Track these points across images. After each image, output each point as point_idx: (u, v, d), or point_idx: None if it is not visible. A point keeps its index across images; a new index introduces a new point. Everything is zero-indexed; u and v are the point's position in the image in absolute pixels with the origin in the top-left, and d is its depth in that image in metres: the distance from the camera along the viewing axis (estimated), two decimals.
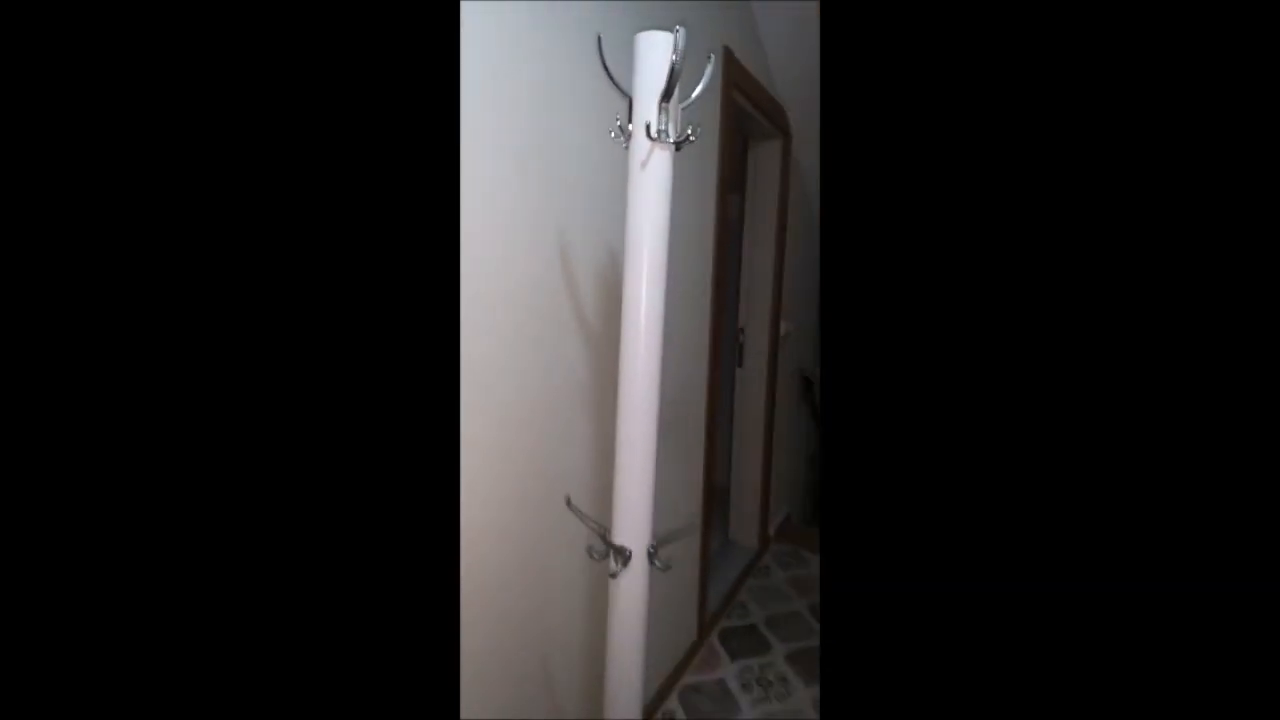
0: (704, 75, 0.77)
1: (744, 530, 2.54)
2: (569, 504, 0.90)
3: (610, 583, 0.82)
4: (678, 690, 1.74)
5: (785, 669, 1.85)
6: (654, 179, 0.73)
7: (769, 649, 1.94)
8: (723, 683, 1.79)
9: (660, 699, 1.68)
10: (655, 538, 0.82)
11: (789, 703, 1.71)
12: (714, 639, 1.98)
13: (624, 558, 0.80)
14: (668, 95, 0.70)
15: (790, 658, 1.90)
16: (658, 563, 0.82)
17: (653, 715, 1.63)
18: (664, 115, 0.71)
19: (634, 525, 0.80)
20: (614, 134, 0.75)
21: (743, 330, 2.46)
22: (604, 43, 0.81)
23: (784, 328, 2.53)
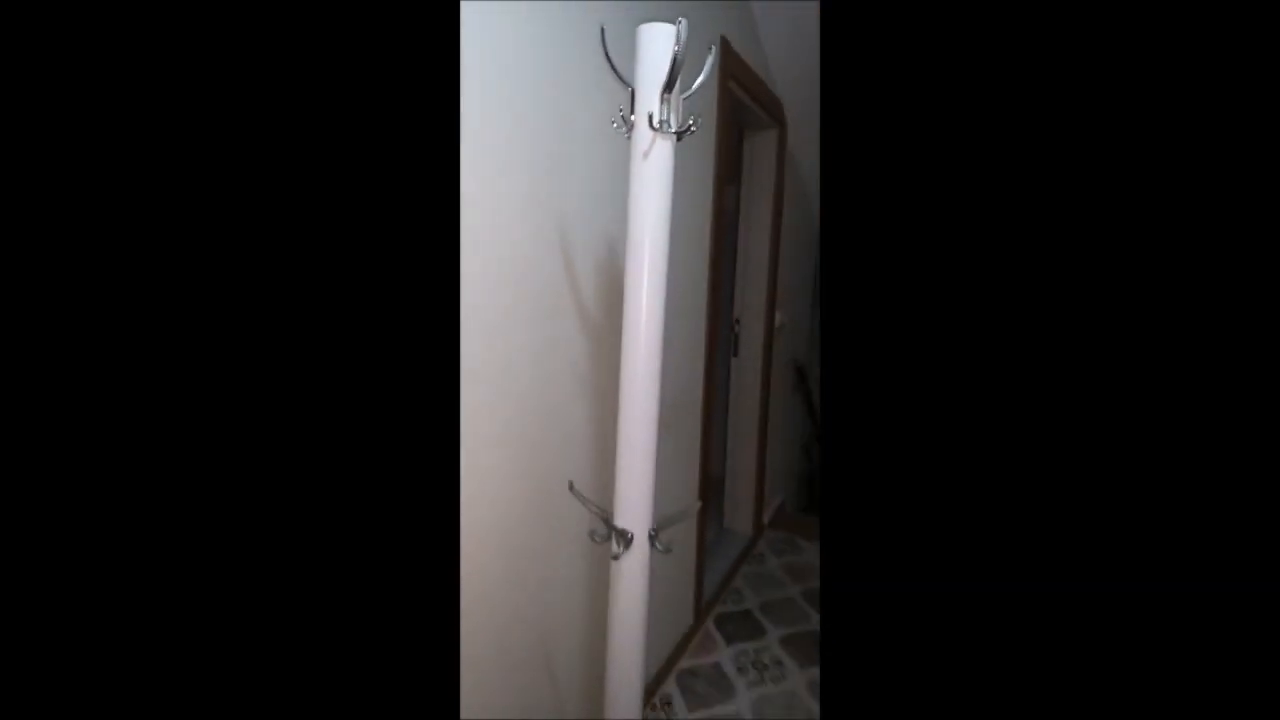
0: (705, 66, 0.78)
1: (739, 518, 2.57)
2: (571, 489, 0.91)
3: (612, 565, 0.84)
4: (675, 673, 1.78)
5: (780, 652, 1.88)
6: (656, 169, 0.74)
7: (764, 633, 1.97)
8: (718, 666, 1.82)
9: (658, 682, 1.71)
10: (656, 521, 0.84)
11: (784, 685, 1.74)
12: (710, 624, 2.02)
13: (626, 540, 0.82)
14: (670, 86, 0.71)
15: (784, 641, 1.93)
16: (658, 545, 0.84)
17: (650, 697, 1.66)
18: (666, 106, 0.72)
19: (635, 508, 0.82)
20: (616, 124, 0.76)
21: (738, 321, 2.48)
22: (596, 31, 0.82)
23: (779, 319, 2.55)
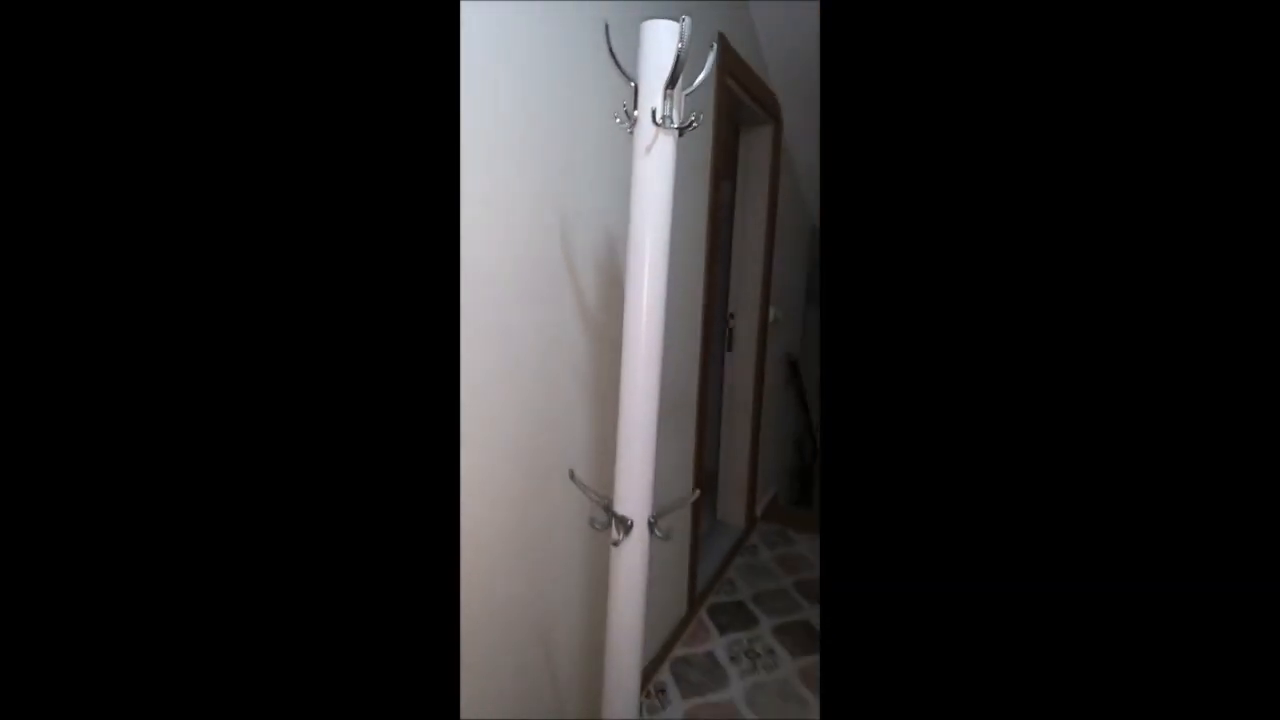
0: (706, 63, 0.79)
1: (732, 510, 2.60)
2: (572, 477, 0.93)
3: (612, 551, 0.86)
4: (669, 662, 1.80)
5: (772, 642, 1.91)
6: (658, 164, 0.75)
7: (756, 623, 2.01)
8: (712, 655, 1.85)
9: (652, 671, 1.73)
10: (655, 508, 0.86)
11: (776, 674, 1.78)
12: (703, 614, 2.05)
13: (626, 527, 0.84)
14: (673, 82, 0.72)
15: (777, 631, 1.97)
16: (658, 532, 0.86)
17: (645, 685, 1.69)
18: (668, 102, 0.73)
19: (636, 496, 0.84)
20: (619, 119, 0.77)
21: (733, 315, 2.50)
22: (597, 27, 0.83)
23: (773, 313, 2.58)
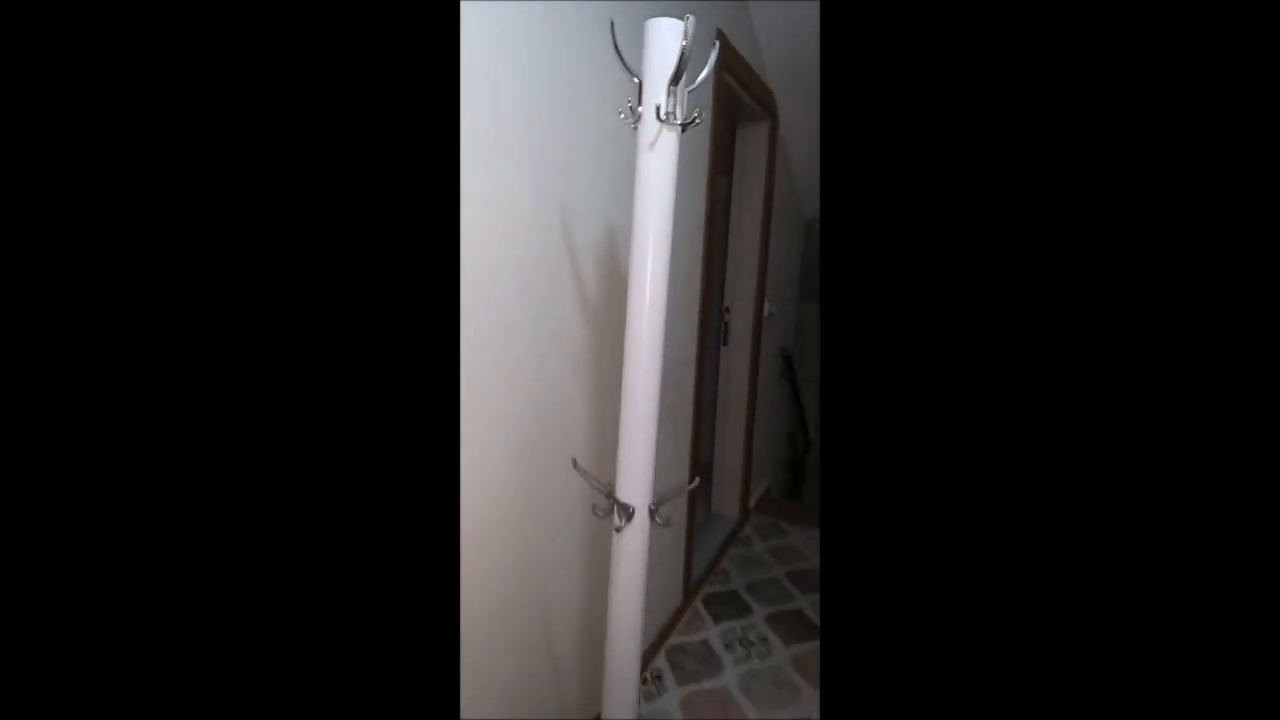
0: (708, 60, 0.81)
1: (726, 502, 2.63)
2: (575, 465, 0.95)
3: (614, 537, 0.88)
4: (665, 649, 1.84)
5: (765, 630, 1.95)
6: (661, 159, 0.77)
7: (750, 612, 2.04)
8: (707, 643, 1.88)
9: (649, 658, 1.76)
10: (656, 496, 0.89)
11: (769, 661, 1.81)
12: (698, 603, 2.08)
13: (628, 514, 0.86)
14: (676, 79, 0.74)
15: (770, 620, 2.00)
16: (658, 519, 0.89)
17: (643, 671, 1.72)
18: (672, 98, 0.75)
19: (637, 483, 0.86)
20: (624, 115, 0.79)
21: (728, 309, 2.53)
22: (597, 25, 0.84)
23: (767, 308, 2.60)
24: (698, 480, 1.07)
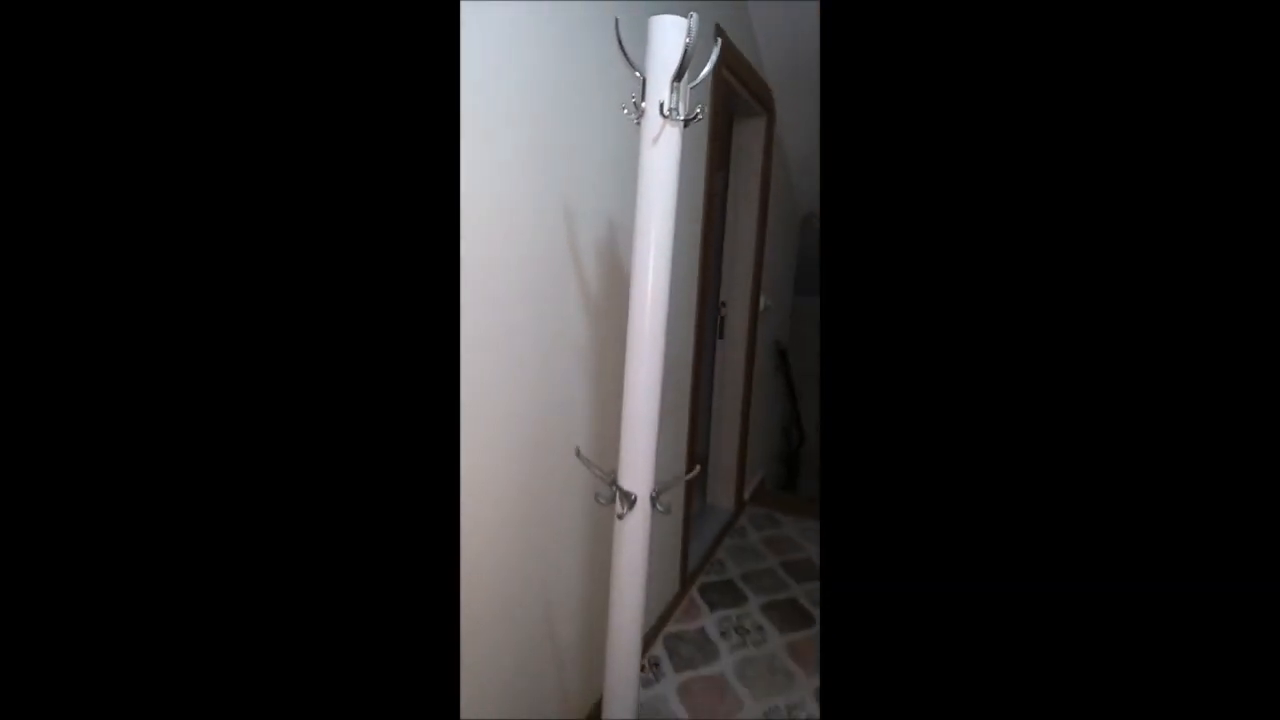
0: (711, 56, 0.83)
1: (721, 494, 2.66)
2: (579, 454, 0.97)
3: (616, 523, 0.90)
4: (662, 637, 1.87)
5: (760, 618, 1.98)
6: (664, 154, 0.79)
7: (745, 601, 2.07)
8: (703, 631, 1.92)
9: (647, 645, 1.79)
10: (657, 484, 0.91)
11: (764, 648, 1.84)
12: (694, 592, 2.11)
13: (630, 501, 0.88)
14: (679, 75, 0.76)
15: (765, 608, 2.03)
16: (659, 506, 0.91)
17: (642, 658, 1.75)
18: (675, 94, 0.77)
19: (639, 472, 0.88)
20: (628, 111, 0.80)
21: (724, 304, 2.55)
22: (597, 25, 0.85)
23: (763, 302, 2.63)
24: (697, 469, 1.09)
